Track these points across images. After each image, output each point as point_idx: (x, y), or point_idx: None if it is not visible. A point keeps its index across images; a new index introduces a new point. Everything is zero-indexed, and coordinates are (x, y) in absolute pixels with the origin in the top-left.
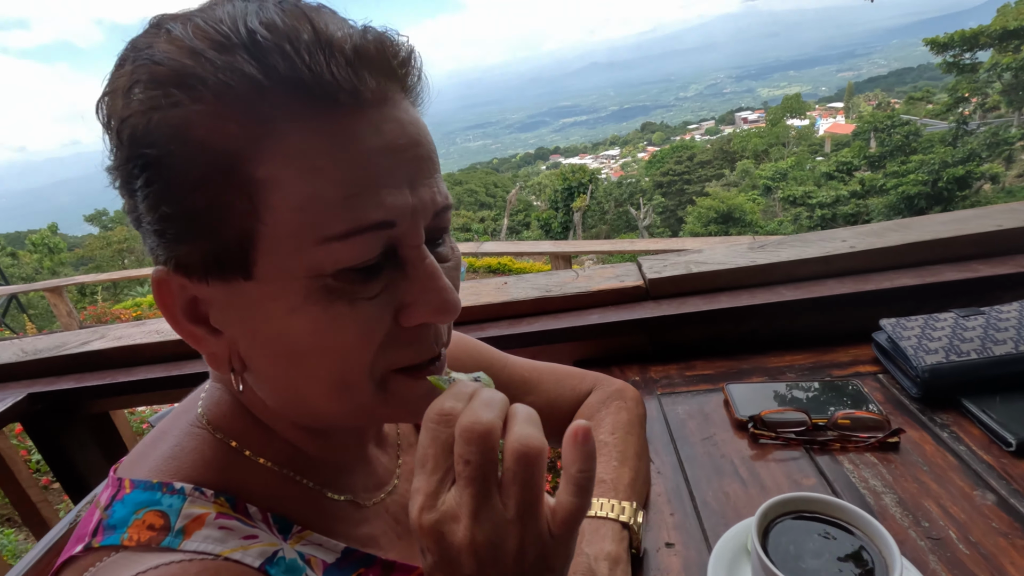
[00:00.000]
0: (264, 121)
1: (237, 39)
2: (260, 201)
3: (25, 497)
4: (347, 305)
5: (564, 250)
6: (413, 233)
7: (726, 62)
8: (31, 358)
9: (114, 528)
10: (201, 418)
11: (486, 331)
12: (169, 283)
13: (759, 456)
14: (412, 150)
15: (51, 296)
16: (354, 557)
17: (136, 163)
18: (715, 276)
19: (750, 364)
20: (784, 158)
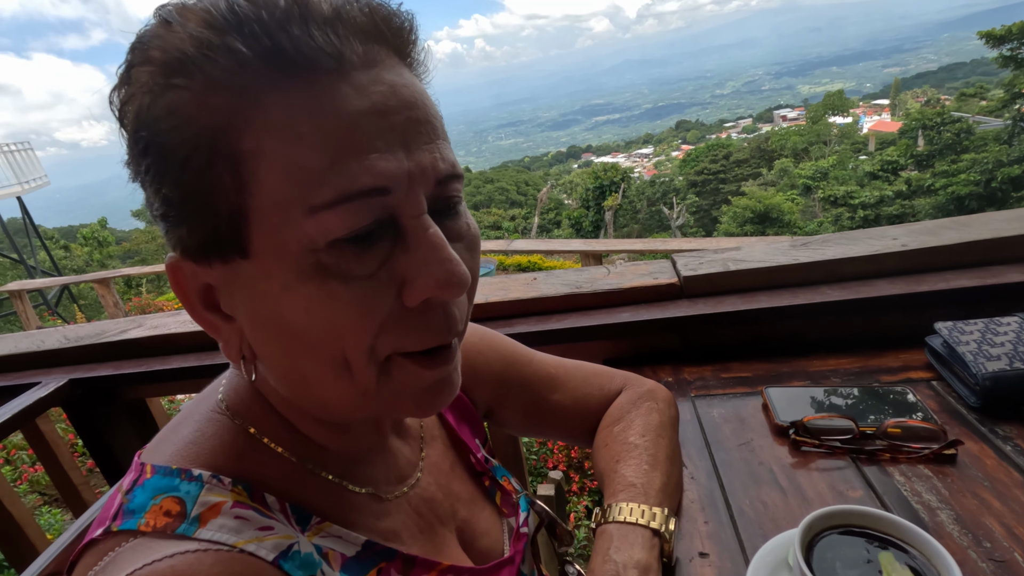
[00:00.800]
0: (246, 93)
1: (218, 13)
2: (247, 174)
3: (67, 479)
4: (341, 283)
5: (595, 248)
6: (412, 201)
7: (764, 59)
8: (73, 344)
9: (133, 513)
10: (221, 403)
11: (515, 327)
12: (181, 269)
13: (800, 464)
14: (405, 112)
15: (99, 287)
16: (375, 551)
17: (138, 147)
18: (754, 274)
19: (790, 367)
20: (825, 157)
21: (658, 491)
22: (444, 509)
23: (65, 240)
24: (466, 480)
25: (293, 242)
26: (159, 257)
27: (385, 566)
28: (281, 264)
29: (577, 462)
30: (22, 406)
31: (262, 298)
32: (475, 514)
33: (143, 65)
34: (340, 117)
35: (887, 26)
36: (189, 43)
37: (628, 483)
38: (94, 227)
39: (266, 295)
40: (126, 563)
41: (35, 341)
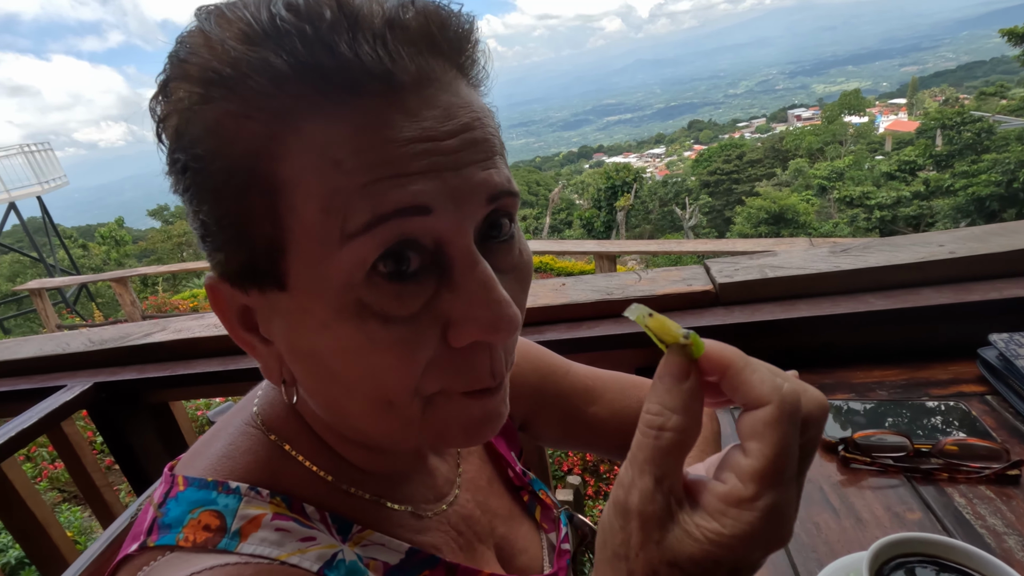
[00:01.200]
0: (286, 115)
1: (259, 27)
2: (283, 204)
3: (90, 481)
4: (381, 324)
5: (609, 250)
6: (457, 227)
7: (779, 58)
8: (97, 348)
9: (169, 527)
10: (256, 418)
11: (543, 334)
12: (219, 290)
13: (851, 482)
14: (461, 134)
15: (117, 286)
16: (418, 558)
17: (176, 166)
18: (793, 282)
19: (832, 379)
20: (841, 157)
21: None
22: (482, 526)
23: (83, 239)
24: (504, 495)
25: (331, 277)
26: (175, 256)
27: (428, 574)
28: (319, 300)
29: (593, 466)
30: (48, 409)
31: (300, 333)
32: (513, 530)
33: (180, 80)
34: (383, 140)
35: (904, 24)
36: (226, 59)
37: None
38: (111, 226)
39: (304, 330)
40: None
41: (60, 344)
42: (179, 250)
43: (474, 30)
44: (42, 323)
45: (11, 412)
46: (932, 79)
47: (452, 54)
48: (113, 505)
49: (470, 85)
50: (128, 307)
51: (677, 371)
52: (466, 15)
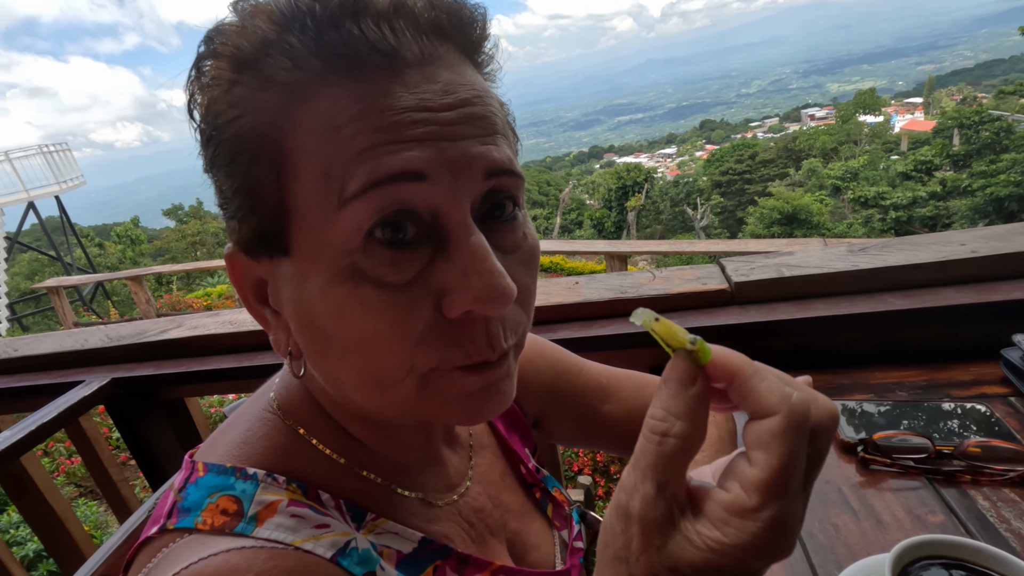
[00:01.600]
0: (296, 89)
1: (279, 10)
2: (289, 172)
3: (107, 475)
4: (374, 288)
5: (620, 250)
6: (452, 198)
7: (792, 57)
8: (115, 344)
9: (188, 511)
10: (272, 403)
11: (556, 333)
12: (236, 261)
13: (870, 484)
14: (461, 108)
15: (132, 284)
16: (430, 548)
17: (203, 139)
18: (810, 281)
19: (850, 379)
20: (855, 157)
21: None
22: (494, 520)
23: (100, 238)
24: (516, 491)
25: (330, 242)
26: (188, 255)
27: (441, 564)
28: (318, 265)
29: (603, 466)
30: (67, 404)
31: (301, 298)
32: (525, 526)
33: (212, 59)
34: (382, 112)
35: (921, 22)
36: (252, 40)
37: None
38: (127, 226)
39: (304, 295)
40: (181, 558)
41: (79, 340)
42: (193, 249)
43: (483, 20)
44: (60, 320)
45: (31, 407)
46: (949, 78)
47: (459, 39)
48: (129, 500)
49: (477, 70)
50: (143, 305)
51: (683, 376)
52: (476, 5)
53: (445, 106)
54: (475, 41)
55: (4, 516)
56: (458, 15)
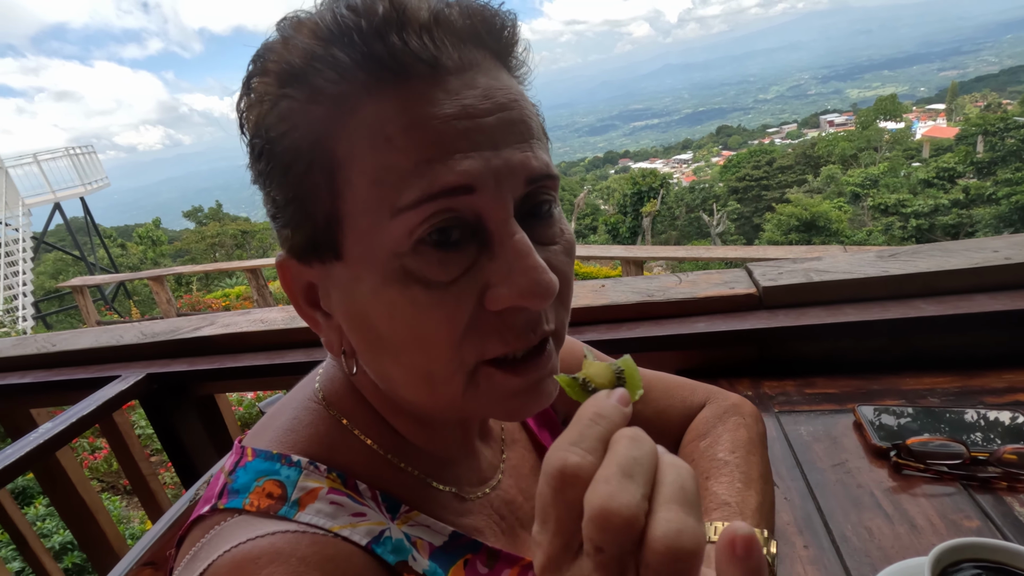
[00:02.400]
0: (345, 100)
1: (324, 26)
2: (341, 180)
3: (137, 469)
4: (423, 288)
5: (635, 255)
6: (498, 202)
7: (811, 62)
8: (150, 340)
9: (237, 493)
10: (317, 393)
11: (584, 334)
12: (288, 267)
13: (903, 489)
14: (497, 112)
15: (153, 284)
16: (461, 542)
17: (254, 152)
18: (839, 286)
19: (881, 385)
20: (875, 163)
21: (754, 511)
22: (524, 512)
23: (122, 239)
24: None
25: (381, 246)
26: (208, 256)
27: (471, 558)
28: (369, 268)
29: None
30: (104, 398)
31: (353, 300)
32: None
33: (261, 76)
34: (428, 120)
35: (944, 27)
36: (299, 55)
37: (722, 501)
38: (149, 227)
39: (356, 297)
40: (230, 537)
41: (114, 336)
42: (212, 250)
43: (514, 25)
44: (83, 319)
45: (68, 400)
46: (973, 84)
47: (493, 46)
48: (157, 493)
49: (511, 74)
50: (164, 305)
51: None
52: (507, 12)
53: (485, 111)
54: (508, 46)
55: (31, 509)
56: (491, 22)
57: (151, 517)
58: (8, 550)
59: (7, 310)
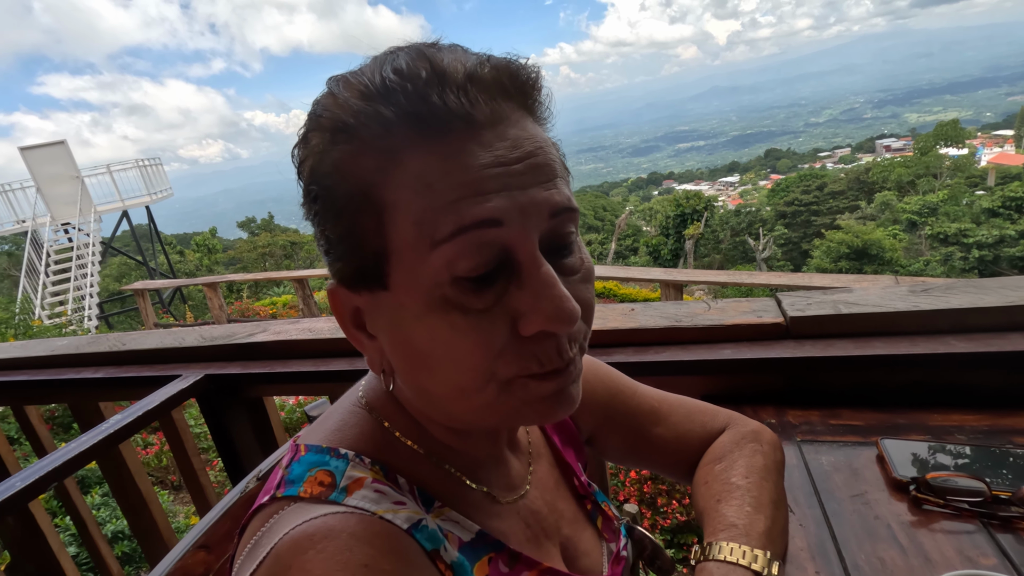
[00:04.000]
0: (391, 152)
1: (373, 87)
2: (388, 221)
3: (190, 464)
4: (462, 315)
5: (676, 278)
6: (524, 238)
7: (867, 85)
8: (208, 343)
9: (292, 483)
10: (361, 400)
11: (612, 356)
12: (337, 294)
13: (921, 523)
14: (527, 160)
15: (208, 290)
16: (487, 540)
17: (310, 196)
18: (868, 319)
19: (907, 419)
20: (935, 191)
21: (761, 534)
22: (549, 524)
23: (180, 246)
24: (569, 500)
25: (423, 277)
26: (258, 265)
27: (494, 556)
28: (413, 296)
29: (650, 498)
30: (167, 395)
31: (398, 324)
32: (577, 533)
33: (316, 131)
34: (465, 169)
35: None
36: (348, 112)
37: (729, 523)
38: (205, 235)
39: (401, 322)
40: (288, 521)
41: (177, 338)
42: (262, 260)
43: (539, 78)
44: (142, 321)
45: (134, 396)
46: None
47: (520, 98)
48: (206, 487)
49: (536, 122)
50: (216, 311)
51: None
52: (532, 66)
53: (514, 160)
54: (533, 96)
55: (88, 498)
56: (517, 76)
57: (199, 509)
58: (65, 535)
59: (75, 309)
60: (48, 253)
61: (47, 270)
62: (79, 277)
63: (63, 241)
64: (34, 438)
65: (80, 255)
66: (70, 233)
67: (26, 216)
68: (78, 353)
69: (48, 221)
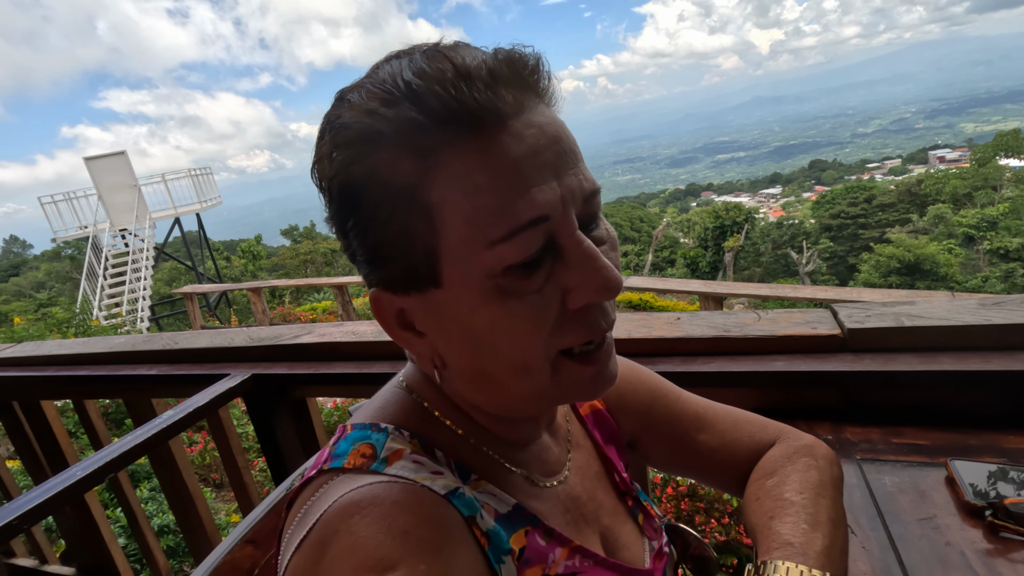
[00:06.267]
0: (430, 154)
1: (399, 92)
2: (437, 220)
3: (234, 461)
4: (518, 300)
5: (715, 291)
6: (566, 222)
7: (920, 95)
8: (256, 344)
9: (338, 456)
10: (401, 383)
11: (657, 365)
12: (381, 300)
13: (999, 552)
14: (553, 147)
15: (252, 295)
16: (524, 514)
17: (344, 209)
18: (935, 332)
19: (979, 440)
20: (994, 204)
21: (819, 553)
22: (588, 511)
23: (227, 252)
24: (610, 492)
25: (476, 272)
26: (300, 272)
27: (531, 530)
28: (468, 291)
29: (687, 515)
30: (216, 393)
31: (454, 319)
32: (618, 525)
33: (342, 146)
34: (506, 164)
35: None
36: (379, 120)
37: (784, 541)
38: (251, 242)
39: (457, 316)
40: (335, 492)
41: (227, 338)
42: (304, 267)
43: (541, 63)
44: (189, 323)
45: (185, 393)
46: None
47: (533, 85)
48: (249, 486)
49: (548, 105)
50: (259, 315)
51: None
52: (536, 53)
53: (544, 147)
54: (541, 81)
55: (138, 492)
56: (525, 65)
57: (242, 506)
58: (116, 527)
59: (129, 311)
60: (107, 257)
61: (105, 273)
62: (133, 280)
63: (120, 246)
64: (92, 432)
65: (135, 259)
66: (127, 239)
67: (88, 222)
68: (134, 351)
69: (107, 227)
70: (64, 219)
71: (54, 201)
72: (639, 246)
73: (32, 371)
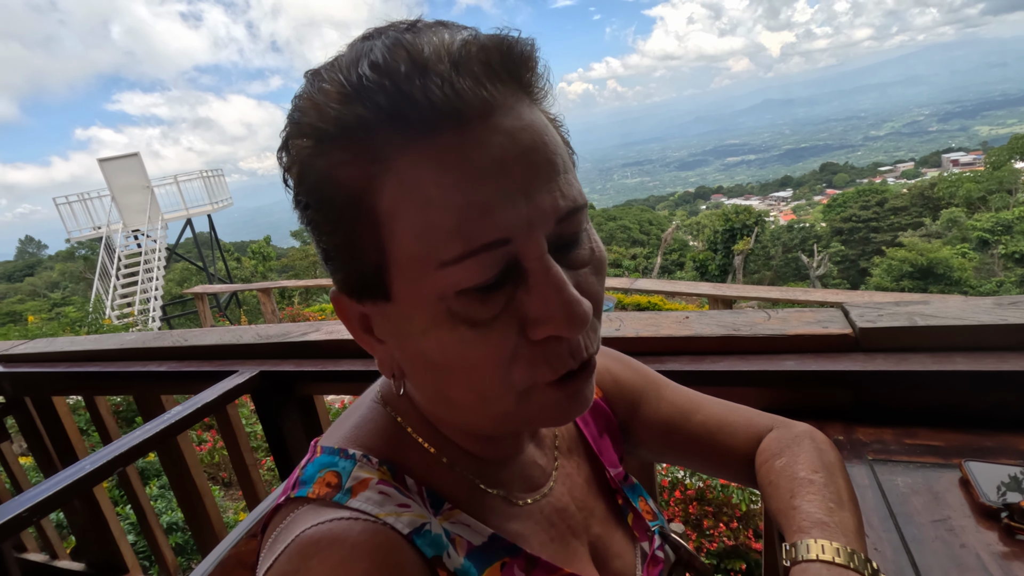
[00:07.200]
0: (378, 158)
1: (350, 86)
2: (385, 232)
3: (242, 459)
4: (469, 327)
5: (725, 293)
6: (531, 245)
7: (933, 97)
8: (264, 341)
9: (304, 484)
10: (378, 395)
11: (665, 364)
12: (341, 301)
13: (1016, 555)
14: (525, 158)
15: (262, 295)
16: (500, 544)
17: (299, 205)
18: (949, 332)
19: (994, 441)
20: (1009, 207)
21: (855, 533)
22: (576, 521)
23: (238, 253)
24: (600, 497)
25: (427, 292)
26: (309, 273)
27: (509, 561)
28: (417, 309)
29: (695, 519)
30: (224, 389)
31: (405, 335)
32: (609, 532)
33: (297, 138)
34: (463, 176)
35: None
36: (328, 119)
37: (817, 520)
38: (261, 243)
39: (408, 334)
40: (299, 524)
41: (235, 335)
42: (313, 268)
43: (533, 52)
44: (200, 323)
45: (194, 389)
46: None
47: (513, 79)
48: (256, 482)
49: (533, 102)
50: (269, 315)
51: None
52: (526, 39)
53: (513, 159)
54: (527, 75)
55: (147, 489)
56: (509, 54)
57: (249, 502)
58: (125, 524)
59: (141, 311)
60: (119, 258)
61: (117, 273)
62: (145, 280)
63: (133, 247)
64: (103, 428)
65: (147, 260)
66: (139, 239)
67: (102, 223)
68: (145, 347)
69: (120, 228)
70: (78, 220)
71: (68, 202)
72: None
73: (44, 367)
